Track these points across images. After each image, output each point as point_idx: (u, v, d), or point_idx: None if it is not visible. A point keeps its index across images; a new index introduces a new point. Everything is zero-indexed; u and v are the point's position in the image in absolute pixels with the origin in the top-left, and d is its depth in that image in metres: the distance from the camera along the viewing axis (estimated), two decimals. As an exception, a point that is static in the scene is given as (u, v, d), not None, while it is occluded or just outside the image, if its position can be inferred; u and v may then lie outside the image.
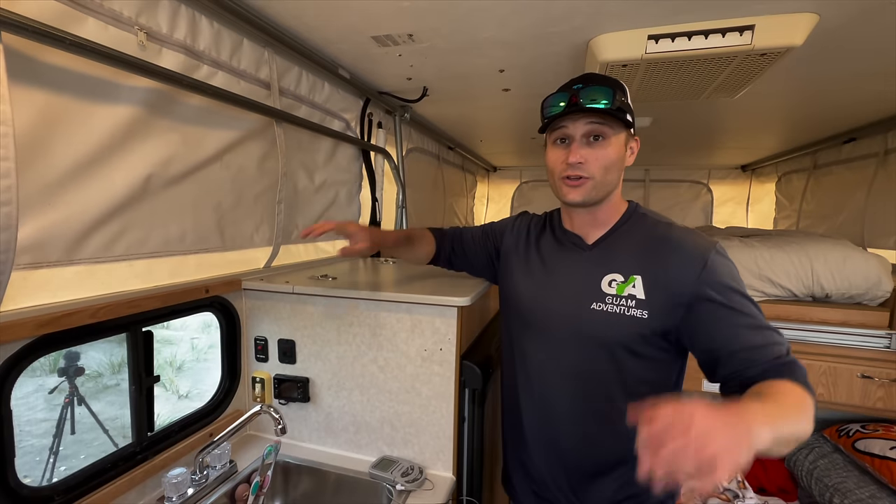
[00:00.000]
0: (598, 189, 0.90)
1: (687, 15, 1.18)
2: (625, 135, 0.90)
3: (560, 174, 0.91)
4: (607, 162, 0.88)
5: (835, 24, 1.17)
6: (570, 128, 0.88)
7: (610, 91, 0.85)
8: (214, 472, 1.16)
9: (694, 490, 0.51)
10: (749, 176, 4.02)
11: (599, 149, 0.88)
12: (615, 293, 0.89)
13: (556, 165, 0.92)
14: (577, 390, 0.95)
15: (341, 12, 1.21)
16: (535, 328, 1.00)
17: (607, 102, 0.84)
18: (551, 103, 0.90)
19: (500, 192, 4.85)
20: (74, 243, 0.90)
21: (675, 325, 0.86)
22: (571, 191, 0.90)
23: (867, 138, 2.34)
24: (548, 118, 0.91)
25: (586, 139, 0.88)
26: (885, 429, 1.73)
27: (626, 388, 0.90)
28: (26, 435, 3.73)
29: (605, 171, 0.88)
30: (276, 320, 1.37)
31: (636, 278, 0.88)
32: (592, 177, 0.88)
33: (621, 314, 0.88)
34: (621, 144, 0.89)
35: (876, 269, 1.71)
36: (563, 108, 0.87)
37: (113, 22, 0.90)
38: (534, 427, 1.03)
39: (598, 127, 0.87)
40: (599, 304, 0.90)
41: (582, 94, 0.86)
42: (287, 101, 1.47)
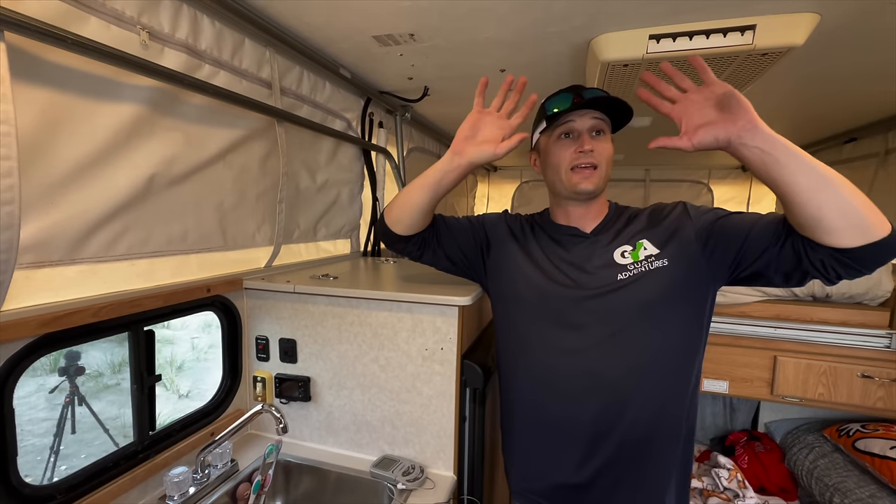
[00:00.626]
0: (603, 179, 0.96)
1: (688, 15, 1.18)
2: (611, 139, 0.98)
3: (570, 164, 0.95)
4: (608, 154, 0.95)
5: (836, 23, 1.17)
6: (578, 122, 0.94)
7: (607, 93, 0.93)
8: (216, 471, 1.17)
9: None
10: (749, 176, 4.01)
11: (603, 142, 0.95)
12: (632, 261, 0.93)
13: (565, 158, 0.95)
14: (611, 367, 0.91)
15: (342, 12, 1.21)
16: (554, 315, 0.95)
17: (607, 100, 0.92)
18: (555, 101, 0.95)
19: (501, 192, 4.85)
20: (77, 242, 0.90)
21: (703, 264, 0.89)
22: (584, 180, 0.94)
23: (868, 138, 2.34)
24: (551, 115, 0.94)
25: (591, 133, 0.94)
26: (885, 428, 1.73)
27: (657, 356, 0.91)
28: (27, 434, 3.73)
29: (608, 164, 0.95)
30: (278, 319, 1.37)
31: (643, 242, 0.94)
32: (600, 166, 0.94)
33: (647, 271, 0.91)
34: (611, 140, 0.98)
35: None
36: (569, 105, 0.92)
37: (115, 21, 0.90)
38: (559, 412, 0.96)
39: (601, 122, 0.95)
40: (624, 273, 0.92)
41: (585, 94, 0.93)
42: (289, 101, 1.47)
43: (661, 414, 0.92)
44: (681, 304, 0.91)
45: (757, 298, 1.78)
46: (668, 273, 0.90)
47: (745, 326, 1.74)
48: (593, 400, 0.92)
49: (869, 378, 1.63)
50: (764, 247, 0.81)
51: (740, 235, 0.84)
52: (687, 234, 0.91)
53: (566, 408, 0.95)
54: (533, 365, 0.99)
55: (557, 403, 0.96)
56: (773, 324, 1.74)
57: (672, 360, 0.92)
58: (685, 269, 0.90)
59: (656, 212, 0.99)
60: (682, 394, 0.94)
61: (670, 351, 0.91)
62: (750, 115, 0.70)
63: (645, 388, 0.91)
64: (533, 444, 1.03)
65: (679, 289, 0.90)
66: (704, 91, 0.75)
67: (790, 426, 2.18)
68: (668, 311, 0.90)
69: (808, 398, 1.70)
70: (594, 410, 0.92)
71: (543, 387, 0.98)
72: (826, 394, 1.69)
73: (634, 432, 0.92)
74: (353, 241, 2.09)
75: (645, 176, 4.30)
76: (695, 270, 0.90)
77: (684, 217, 0.94)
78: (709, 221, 0.89)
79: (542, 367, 0.98)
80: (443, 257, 1.11)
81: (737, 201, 4.12)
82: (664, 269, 0.90)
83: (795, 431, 2.11)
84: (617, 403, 0.91)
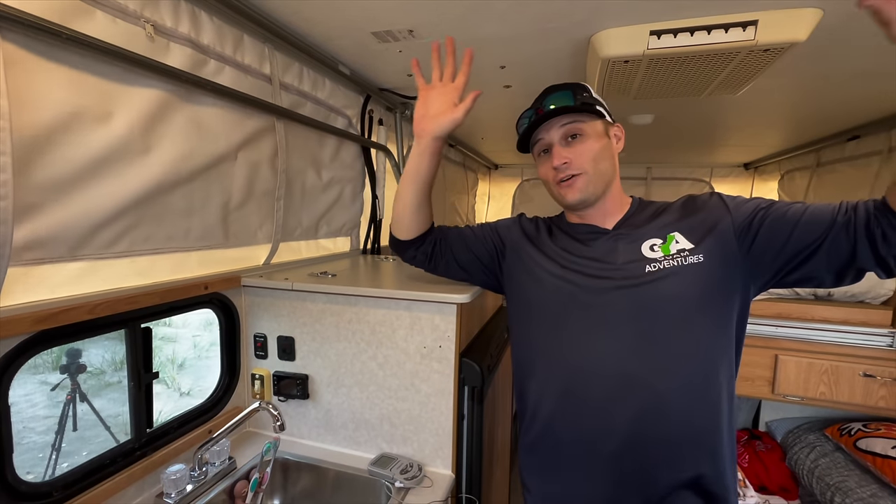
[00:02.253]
0: (595, 182, 0.91)
1: (689, 10, 1.17)
2: (601, 125, 0.93)
3: (554, 180, 0.94)
4: (593, 154, 0.90)
5: (838, 19, 1.16)
6: (546, 136, 0.93)
7: (569, 93, 0.91)
8: (213, 469, 1.16)
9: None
10: (752, 174, 3.99)
11: (579, 145, 0.91)
12: (662, 255, 0.86)
13: (548, 174, 0.95)
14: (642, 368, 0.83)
15: (341, 8, 1.20)
16: (578, 310, 0.89)
17: (571, 101, 0.90)
18: (521, 122, 0.96)
19: (502, 190, 4.84)
20: (80, 240, 0.90)
21: (740, 260, 0.83)
22: (569, 191, 0.92)
23: (871, 136, 2.32)
24: (522, 135, 0.96)
25: (565, 141, 0.92)
26: (886, 427, 1.72)
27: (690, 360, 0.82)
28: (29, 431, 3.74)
29: (595, 162, 0.90)
30: (276, 317, 1.37)
31: (674, 234, 0.88)
32: (584, 171, 0.90)
33: (681, 265, 0.84)
34: (600, 134, 0.92)
35: (879, 267, 1.69)
36: (532, 120, 0.92)
37: (120, 15, 0.90)
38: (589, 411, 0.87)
39: (571, 126, 0.91)
40: (654, 265, 0.85)
41: (545, 103, 0.92)
42: (293, 98, 1.47)
43: (690, 424, 0.82)
44: (718, 305, 0.84)
45: (758, 297, 1.77)
46: (704, 270, 0.83)
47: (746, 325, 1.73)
48: (622, 405, 0.82)
49: (871, 377, 1.62)
50: (813, 238, 0.75)
51: (785, 228, 0.78)
52: (724, 227, 0.84)
53: (593, 415, 0.85)
54: (555, 369, 0.90)
55: (583, 411, 0.86)
56: (775, 322, 1.73)
57: (704, 365, 0.83)
58: (722, 267, 0.83)
59: (689, 203, 0.93)
60: (714, 403, 0.83)
61: (703, 355, 0.83)
62: None
63: (675, 394, 0.81)
64: (553, 460, 0.92)
65: (716, 287, 0.83)
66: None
67: (791, 425, 2.17)
68: (703, 311, 0.83)
69: (810, 397, 1.69)
70: (625, 417, 0.82)
71: (567, 393, 0.88)
72: (827, 393, 1.68)
73: (661, 443, 0.82)
74: (352, 239, 2.09)
75: (646, 174, 4.28)
76: (733, 268, 0.83)
77: (721, 209, 0.87)
78: (748, 213, 0.83)
79: (565, 370, 0.88)
80: (456, 268, 1.10)
81: (738, 200, 4.10)
82: (699, 265, 0.83)
83: (796, 430, 2.10)
84: (649, 411, 0.81)
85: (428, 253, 1.09)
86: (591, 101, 0.93)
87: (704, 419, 0.83)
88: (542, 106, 0.93)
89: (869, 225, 0.72)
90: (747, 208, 0.84)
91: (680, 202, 0.95)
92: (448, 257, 1.09)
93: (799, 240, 0.77)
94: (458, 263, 1.10)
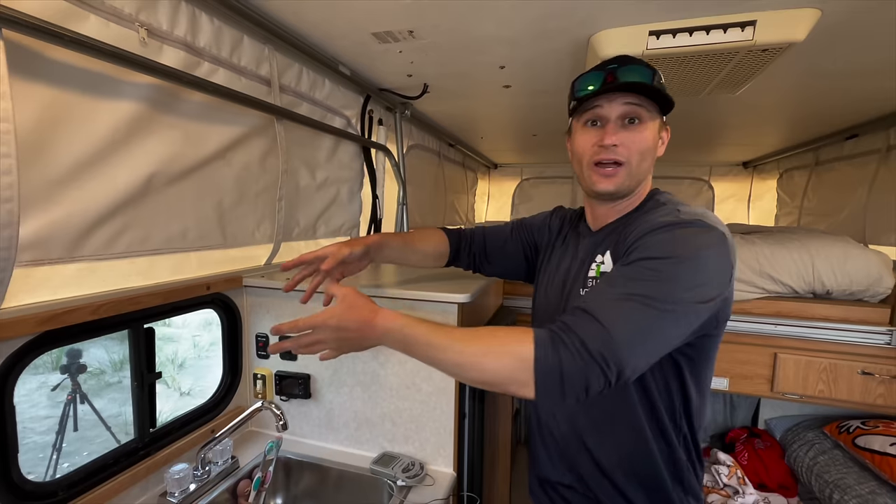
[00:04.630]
0: (632, 178, 0.82)
1: (688, 10, 1.17)
2: (659, 121, 0.82)
3: (591, 159, 0.83)
4: (644, 147, 0.80)
5: (837, 19, 1.17)
6: (606, 108, 0.80)
7: (649, 72, 0.79)
8: (216, 468, 1.17)
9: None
10: (750, 173, 4.00)
11: (636, 132, 0.80)
12: (594, 275, 0.84)
13: (587, 150, 0.83)
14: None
15: (341, 8, 1.21)
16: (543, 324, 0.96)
17: (647, 81, 0.78)
18: (583, 82, 0.82)
19: (501, 190, 4.85)
20: (77, 240, 0.90)
21: None
22: (603, 180, 0.82)
23: (869, 134, 2.33)
24: (578, 98, 0.82)
25: (622, 121, 0.80)
26: (885, 425, 1.73)
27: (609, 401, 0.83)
28: (29, 432, 3.75)
29: (641, 158, 0.81)
30: (278, 317, 1.37)
31: (607, 253, 0.84)
32: (628, 162, 0.80)
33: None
34: (655, 130, 0.82)
35: (877, 265, 1.70)
36: (599, 87, 0.79)
37: (114, 19, 0.90)
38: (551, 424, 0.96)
39: (636, 108, 0.79)
40: (584, 291, 0.85)
41: (619, 73, 0.78)
42: (288, 99, 1.47)
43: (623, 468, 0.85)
44: None
45: (757, 295, 1.78)
46: None
47: (745, 323, 1.74)
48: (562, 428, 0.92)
49: (869, 375, 1.63)
50: None
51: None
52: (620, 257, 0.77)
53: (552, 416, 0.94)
54: None
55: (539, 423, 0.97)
56: (774, 321, 1.74)
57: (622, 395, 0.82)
58: None
59: (646, 218, 0.80)
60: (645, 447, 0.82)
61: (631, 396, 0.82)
62: None
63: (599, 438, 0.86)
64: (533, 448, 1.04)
65: None
66: None
67: (790, 423, 2.18)
68: None
69: (809, 395, 1.70)
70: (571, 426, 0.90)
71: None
72: (826, 391, 1.68)
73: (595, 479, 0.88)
74: (353, 239, 2.09)
75: (646, 173, 4.29)
76: None
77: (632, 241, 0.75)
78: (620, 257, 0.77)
79: None
80: (504, 272, 1.19)
81: (737, 198, 4.12)
82: None
83: (795, 428, 2.12)
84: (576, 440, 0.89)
85: (470, 264, 1.19)
86: (664, 91, 0.79)
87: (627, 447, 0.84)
88: (613, 73, 0.79)
89: None
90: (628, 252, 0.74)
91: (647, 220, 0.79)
92: (488, 266, 1.18)
93: None
94: (499, 269, 1.19)
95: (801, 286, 1.76)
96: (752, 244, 1.82)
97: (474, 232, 1.19)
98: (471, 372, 0.67)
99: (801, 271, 1.75)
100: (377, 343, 0.77)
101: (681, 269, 0.67)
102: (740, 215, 4.10)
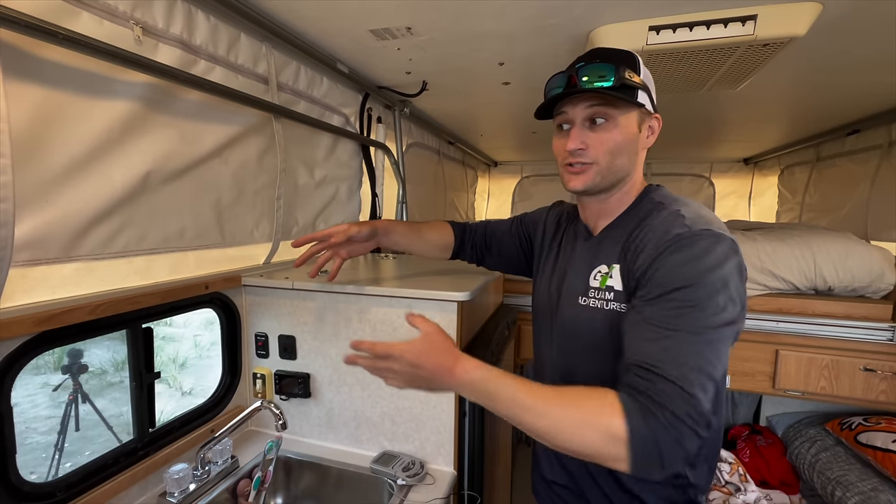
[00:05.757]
0: (605, 176, 0.82)
1: (688, 5, 1.16)
2: (636, 114, 0.81)
3: (562, 161, 0.85)
4: (612, 146, 0.80)
5: (838, 13, 1.16)
6: (570, 112, 0.81)
7: (613, 68, 0.77)
8: (216, 468, 1.17)
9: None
10: (751, 169, 3.99)
11: (603, 132, 0.80)
12: (598, 286, 0.83)
13: (559, 152, 0.85)
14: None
15: (339, 6, 1.20)
16: (539, 325, 0.99)
17: (608, 81, 0.76)
18: (551, 86, 0.83)
19: (501, 187, 4.84)
20: (73, 240, 0.89)
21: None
22: (572, 178, 0.83)
23: (871, 130, 2.32)
24: (547, 102, 0.84)
25: (588, 122, 0.81)
26: (887, 422, 1.73)
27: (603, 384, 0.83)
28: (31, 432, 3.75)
29: (612, 156, 0.80)
30: (277, 316, 1.37)
31: (615, 267, 0.81)
32: (596, 162, 0.80)
33: (600, 308, 0.81)
34: (631, 125, 0.80)
35: (879, 261, 1.70)
36: (562, 90, 0.80)
37: (108, 17, 0.89)
38: None
39: (600, 109, 0.79)
40: (584, 299, 0.84)
41: (581, 74, 0.78)
42: (286, 97, 1.46)
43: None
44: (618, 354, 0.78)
45: (759, 292, 1.77)
46: (621, 319, 0.77)
47: (746, 320, 1.73)
48: None
49: (871, 371, 1.62)
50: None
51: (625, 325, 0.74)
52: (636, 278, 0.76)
53: None
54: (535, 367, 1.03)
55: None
56: (775, 317, 1.73)
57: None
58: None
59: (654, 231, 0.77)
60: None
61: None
62: None
63: None
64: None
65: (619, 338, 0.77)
66: None
67: (792, 420, 2.18)
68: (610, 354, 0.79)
69: (810, 392, 1.69)
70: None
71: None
72: (828, 387, 1.68)
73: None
74: (352, 238, 2.08)
75: (646, 170, 4.28)
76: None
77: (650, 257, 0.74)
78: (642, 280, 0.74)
79: (537, 371, 1.01)
80: (504, 266, 1.22)
81: (738, 195, 4.11)
82: (619, 314, 0.78)
83: (797, 425, 2.11)
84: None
85: (474, 259, 1.24)
86: (634, 84, 0.78)
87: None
88: (576, 74, 0.78)
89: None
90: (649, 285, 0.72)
91: (654, 228, 0.77)
92: (489, 259, 1.23)
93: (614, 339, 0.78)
94: (501, 262, 1.22)
95: (802, 283, 1.76)
96: (754, 241, 1.81)
97: (478, 226, 1.24)
98: (558, 439, 0.65)
99: (803, 267, 1.74)
100: (450, 390, 0.73)
101: (707, 293, 0.67)
102: (741, 212, 4.09)
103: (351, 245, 1.15)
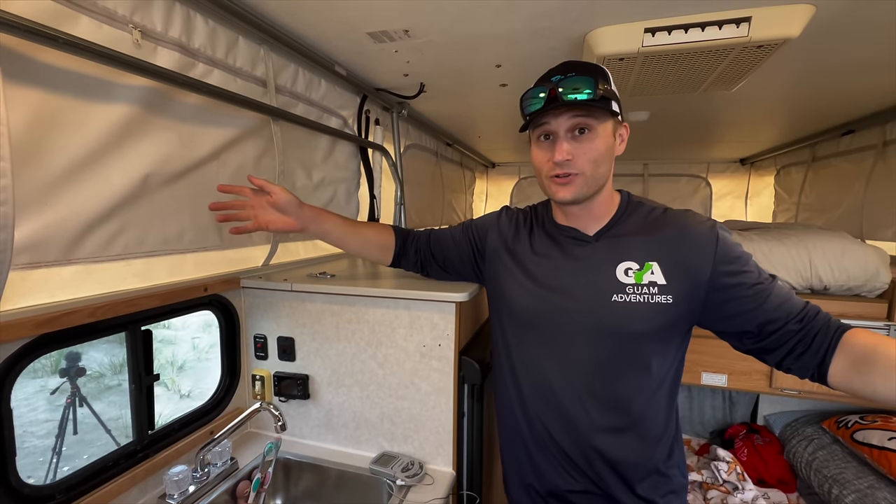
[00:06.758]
0: (590, 184, 0.86)
1: (683, 7, 1.17)
2: (612, 123, 0.85)
3: (548, 173, 0.87)
4: (596, 155, 0.83)
5: (831, 14, 1.17)
6: (553, 123, 0.83)
7: (591, 80, 0.80)
8: (215, 470, 1.17)
9: None
10: (748, 169, 4.01)
11: (587, 142, 0.83)
12: (634, 282, 0.85)
13: (543, 164, 0.87)
14: (588, 389, 0.89)
15: (336, 9, 1.20)
16: (540, 329, 0.93)
17: (590, 93, 0.79)
18: (530, 98, 0.85)
19: (499, 189, 4.85)
20: (72, 243, 0.90)
21: (698, 308, 0.85)
22: (561, 189, 0.86)
23: (866, 130, 2.33)
24: (528, 115, 0.86)
25: (571, 133, 0.83)
26: (883, 420, 1.74)
27: (635, 380, 0.87)
28: (29, 436, 3.74)
29: (595, 165, 0.84)
30: (275, 318, 1.37)
31: (652, 264, 0.85)
32: (582, 172, 0.84)
33: (645, 302, 0.84)
34: (609, 134, 0.85)
35: (874, 260, 1.71)
36: (543, 103, 0.82)
37: (107, 20, 0.90)
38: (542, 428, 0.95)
39: (583, 120, 0.82)
40: (621, 296, 0.85)
41: (562, 86, 0.80)
42: (284, 99, 1.46)
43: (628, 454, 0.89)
44: (670, 344, 0.87)
45: (755, 292, 1.78)
46: (668, 311, 0.84)
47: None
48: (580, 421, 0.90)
49: (867, 370, 1.63)
50: (764, 324, 0.82)
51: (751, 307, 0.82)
52: (702, 276, 0.83)
53: (558, 424, 0.92)
54: (522, 377, 0.97)
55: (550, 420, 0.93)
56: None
57: (651, 400, 0.88)
58: (684, 310, 0.85)
59: (681, 233, 0.86)
60: (655, 437, 0.90)
61: (651, 390, 0.88)
62: None
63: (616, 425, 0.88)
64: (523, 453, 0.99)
65: (673, 328, 0.86)
66: None
67: (789, 418, 2.18)
68: (656, 350, 0.86)
69: (807, 390, 1.70)
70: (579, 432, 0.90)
71: (522, 401, 0.97)
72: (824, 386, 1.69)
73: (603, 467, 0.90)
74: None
75: (643, 170, 4.30)
76: (692, 312, 0.86)
77: (707, 256, 0.83)
78: (732, 276, 0.82)
79: (533, 380, 0.95)
80: (446, 274, 1.18)
81: (735, 195, 4.13)
82: (665, 306, 0.84)
83: (794, 424, 2.12)
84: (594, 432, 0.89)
85: (417, 265, 1.19)
86: (611, 94, 0.82)
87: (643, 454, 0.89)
88: (556, 87, 0.81)
89: (805, 354, 0.81)
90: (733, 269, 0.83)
91: (674, 227, 0.88)
92: (434, 267, 1.18)
93: (752, 320, 0.82)
94: (445, 270, 1.18)
95: (798, 282, 1.76)
96: (750, 241, 1.82)
97: (422, 233, 1.20)
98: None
99: (799, 267, 1.75)
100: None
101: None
102: (738, 212, 4.11)
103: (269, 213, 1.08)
